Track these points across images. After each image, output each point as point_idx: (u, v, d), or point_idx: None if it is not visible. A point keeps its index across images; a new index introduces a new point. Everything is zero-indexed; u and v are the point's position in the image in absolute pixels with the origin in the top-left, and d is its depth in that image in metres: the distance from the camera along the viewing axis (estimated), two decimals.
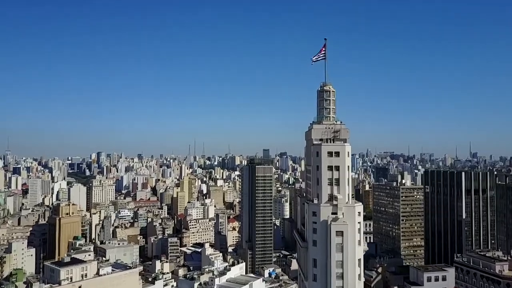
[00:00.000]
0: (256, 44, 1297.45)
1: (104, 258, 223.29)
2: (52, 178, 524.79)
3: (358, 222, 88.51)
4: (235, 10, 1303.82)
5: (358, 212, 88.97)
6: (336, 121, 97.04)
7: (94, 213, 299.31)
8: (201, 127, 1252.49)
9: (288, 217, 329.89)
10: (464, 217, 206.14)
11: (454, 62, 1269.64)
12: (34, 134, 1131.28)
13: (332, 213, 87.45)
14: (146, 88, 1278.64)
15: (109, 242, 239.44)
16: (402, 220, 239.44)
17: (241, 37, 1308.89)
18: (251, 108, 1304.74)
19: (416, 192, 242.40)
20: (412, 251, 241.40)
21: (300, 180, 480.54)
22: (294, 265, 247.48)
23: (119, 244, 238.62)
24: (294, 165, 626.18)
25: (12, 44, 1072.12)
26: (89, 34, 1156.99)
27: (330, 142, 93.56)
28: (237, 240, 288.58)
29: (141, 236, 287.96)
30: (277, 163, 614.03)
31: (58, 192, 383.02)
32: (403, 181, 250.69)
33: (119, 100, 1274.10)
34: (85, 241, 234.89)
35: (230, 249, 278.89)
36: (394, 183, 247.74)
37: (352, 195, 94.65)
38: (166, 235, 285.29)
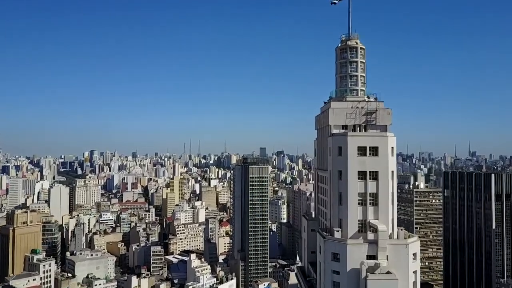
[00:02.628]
0: (253, 41, 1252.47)
1: (69, 275, 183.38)
2: (42, 177, 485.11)
3: (413, 272, 48.04)
4: (230, 5, 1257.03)
5: (413, 255, 48.46)
6: (368, 97, 56.60)
7: (71, 217, 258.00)
8: (197, 125, 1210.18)
9: (285, 221, 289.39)
10: (494, 226, 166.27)
11: (452, 59, 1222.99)
12: (31, 133, 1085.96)
13: (369, 257, 47.11)
14: (143, 86, 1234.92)
15: (81, 253, 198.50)
16: (416, 227, 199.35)
17: (238, 33, 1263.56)
18: (248, 106, 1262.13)
19: (432, 196, 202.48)
20: (427, 263, 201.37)
21: (298, 180, 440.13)
22: (292, 279, 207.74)
23: (91, 255, 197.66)
24: (291, 164, 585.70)
25: (6, 42, 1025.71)
26: (82, 32, 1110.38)
27: (360, 130, 53.23)
28: (229, 246, 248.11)
29: (123, 244, 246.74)
30: (274, 162, 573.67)
31: (39, 192, 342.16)
32: (417, 184, 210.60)
33: (115, 98, 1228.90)
34: (48, 253, 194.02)
35: (221, 259, 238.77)
36: (406, 186, 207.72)
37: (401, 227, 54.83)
38: (150, 242, 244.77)
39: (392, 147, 50.23)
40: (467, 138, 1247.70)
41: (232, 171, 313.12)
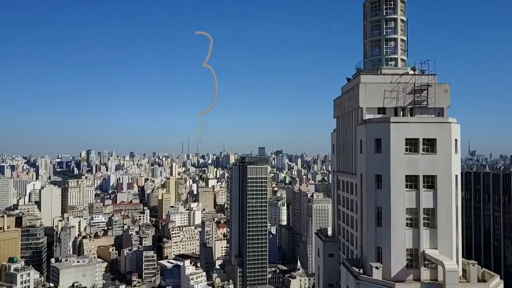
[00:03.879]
0: (251, 37, 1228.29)
1: (51, 285, 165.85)
2: (37, 177, 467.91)
3: None
4: (226, 4, 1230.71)
5: None
6: (413, 68, 39.12)
7: (61, 220, 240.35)
8: (195, 124, 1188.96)
9: (285, 223, 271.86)
10: None
11: (450, 56, 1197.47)
12: (28, 133, 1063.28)
13: None
14: (142, 85, 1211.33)
15: (66, 260, 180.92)
16: None
17: (234, 29, 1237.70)
18: (247, 106, 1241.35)
19: None
20: None
21: (297, 179, 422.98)
22: (293, 286, 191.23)
23: (78, 262, 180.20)
24: (290, 163, 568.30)
25: (1, 41, 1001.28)
26: (78, 30, 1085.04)
27: (405, 115, 35.78)
28: (227, 250, 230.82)
29: (114, 248, 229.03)
30: (273, 161, 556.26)
31: (30, 194, 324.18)
32: None
33: (113, 97, 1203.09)
34: (32, 260, 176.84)
35: (218, 263, 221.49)
36: None
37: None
38: (143, 246, 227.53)
39: (456, 140, 32.91)
40: (466, 138, 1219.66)
41: (229, 171, 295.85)
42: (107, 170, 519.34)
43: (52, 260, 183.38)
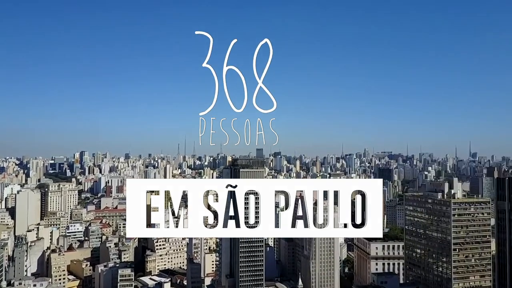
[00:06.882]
0: (248, 31, 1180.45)
1: None
2: (27, 179, 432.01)
3: None
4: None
5: None
6: None
7: (30, 231, 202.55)
8: (193, 126, 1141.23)
9: None
10: None
11: (450, 58, 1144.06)
12: (25, 134, 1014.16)
13: None
14: (139, 85, 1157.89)
15: (20, 283, 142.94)
16: (455, 249, 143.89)
17: (233, 27, 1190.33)
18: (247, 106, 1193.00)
19: (474, 209, 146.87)
20: None
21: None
22: None
23: (35, 285, 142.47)
24: (289, 165, 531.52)
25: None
26: (74, 30, 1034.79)
27: None
28: (218, 265, 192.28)
29: (88, 263, 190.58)
30: (271, 163, 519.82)
31: (6, 198, 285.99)
32: (452, 192, 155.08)
33: (110, 96, 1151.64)
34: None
35: (207, 281, 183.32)
36: (439, 195, 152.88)
37: None
38: (122, 261, 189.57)
39: None
40: (467, 139, 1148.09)
41: (220, 176, 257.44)
42: (100, 172, 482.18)
43: (3, 283, 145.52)
